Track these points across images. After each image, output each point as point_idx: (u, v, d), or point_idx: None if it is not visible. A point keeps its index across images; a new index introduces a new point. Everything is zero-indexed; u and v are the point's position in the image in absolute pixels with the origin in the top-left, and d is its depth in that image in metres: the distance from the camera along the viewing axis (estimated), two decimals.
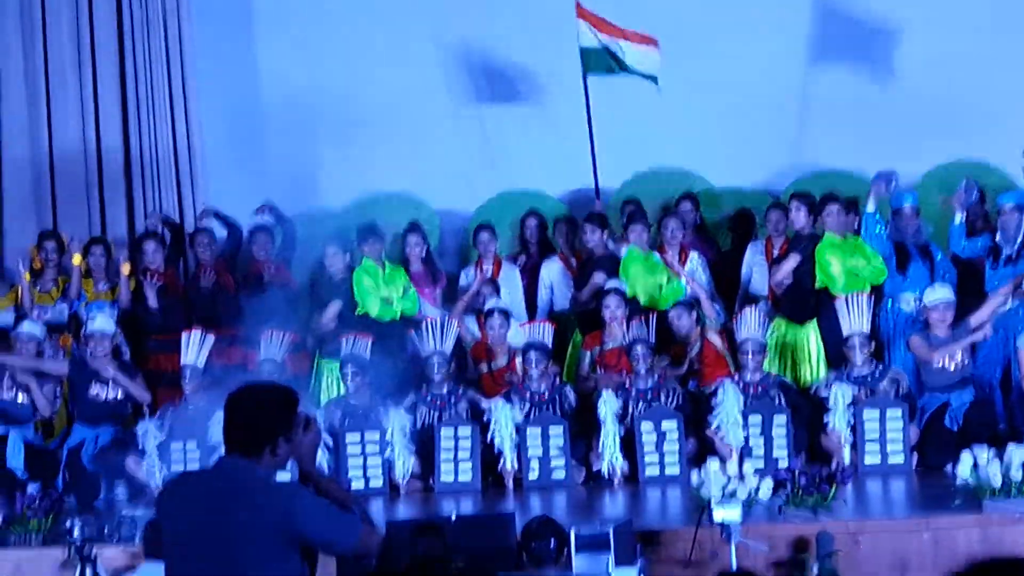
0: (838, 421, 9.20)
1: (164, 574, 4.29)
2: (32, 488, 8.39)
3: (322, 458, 9.13)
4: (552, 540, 6.42)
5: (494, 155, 11.53)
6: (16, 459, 9.46)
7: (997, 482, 7.22)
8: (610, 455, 9.28)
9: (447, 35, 11.61)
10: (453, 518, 7.62)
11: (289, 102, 11.68)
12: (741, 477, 7.39)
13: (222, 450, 4.23)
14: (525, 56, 11.77)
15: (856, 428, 9.15)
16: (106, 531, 7.69)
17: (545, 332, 9.99)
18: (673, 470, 9.16)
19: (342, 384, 9.88)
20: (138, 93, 11.63)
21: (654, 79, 10.90)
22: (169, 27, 11.66)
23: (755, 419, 9.21)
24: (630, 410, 9.45)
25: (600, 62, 10.99)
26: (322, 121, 11.70)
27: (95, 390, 9.69)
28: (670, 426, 9.26)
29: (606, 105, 11.19)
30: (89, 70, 11.63)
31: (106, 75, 11.62)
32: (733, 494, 7.20)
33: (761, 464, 8.03)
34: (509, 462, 9.33)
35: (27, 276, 10.46)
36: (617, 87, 11.22)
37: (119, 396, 9.74)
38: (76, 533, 7.29)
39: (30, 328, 9.84)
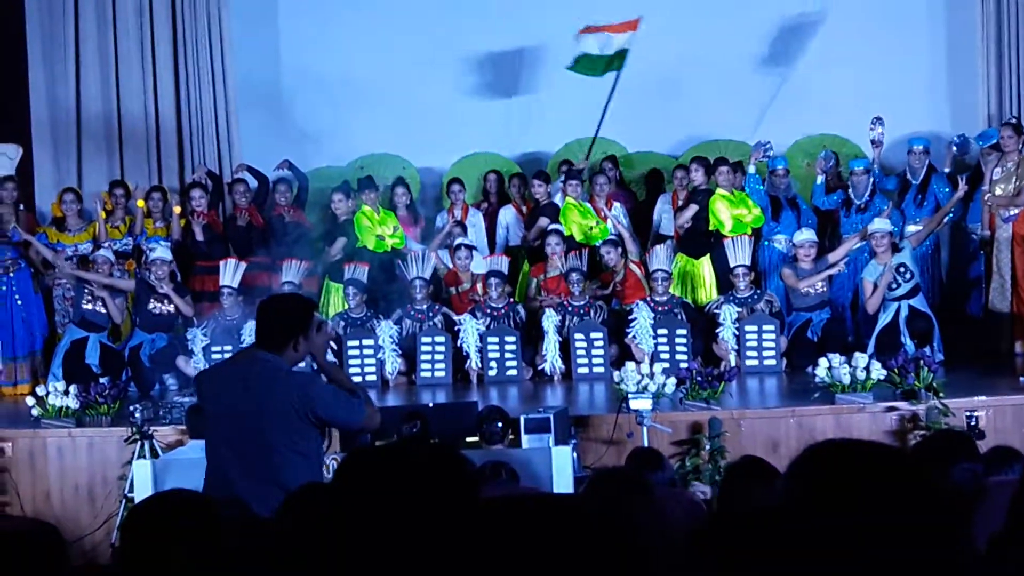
0: (726, 333, 9.15)
1: (206, 448, 4.19)
2: (104, 380, 8.23)
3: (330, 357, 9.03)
4: (499, 423, 6.33)
5: (464, 125, 11.28)
6: (93, 357, 9.29)
7: (846, 381, 7.24)
8: (551, 358, 9.21)
9: (437, 30, 11.22)
10: (430, 405, 7.57)
11: (304, 80, 11.40)
12: (651, 375, 7.37)
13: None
14: (498, 47, 11.29)
15: (739, 338, 9.11)
16: (160, 414, 7.57)
17: (502, 263, 9.87)
18: (599, 369, 9.09)
19: (345, 301, 9.74)
20: (187, 72, 11.31)
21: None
22: (211, 19, 11.33)
23: (662, 331, 9.15)
24: (567, 323, 9.37)
25: (587, 66, 10.41)
26: (329, 97, 11.43)
27: (153, 304, 9.51)
28: (597, 336, 9.19)
29: (554, 87, 10.93)
30: (149, 54, 11.28)
31: (162, 57, 11.30)
32: (645, 388, 7.19)
33: (667, 365, 7.95)
34: (474, 362, 9.24)
35: (102, 215, 10.22)
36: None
37: (171, 310, 9.55)
38: (137, 415, 7.19)
39: (105, 254, 9.65)
